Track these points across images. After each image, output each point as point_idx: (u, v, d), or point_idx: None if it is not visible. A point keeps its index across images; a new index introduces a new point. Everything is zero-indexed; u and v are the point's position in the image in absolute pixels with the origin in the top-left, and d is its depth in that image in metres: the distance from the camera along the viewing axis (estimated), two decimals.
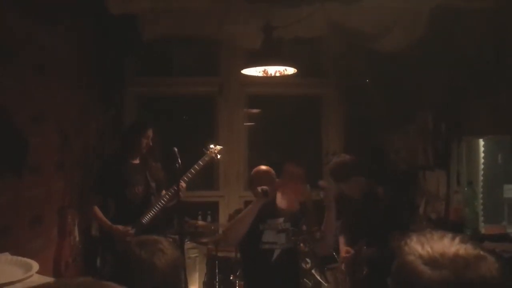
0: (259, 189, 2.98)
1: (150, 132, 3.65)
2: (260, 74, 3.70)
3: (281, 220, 3.09)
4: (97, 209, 3.53)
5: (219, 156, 3.89)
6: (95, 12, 3.74)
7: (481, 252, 0.96)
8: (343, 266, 3.41)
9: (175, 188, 3.35)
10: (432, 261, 0.95)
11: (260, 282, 3.06)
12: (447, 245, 0.97)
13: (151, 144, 3.66)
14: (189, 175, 3.66)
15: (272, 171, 3.23)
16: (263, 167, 3.23)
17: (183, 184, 3.54)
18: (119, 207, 3.61)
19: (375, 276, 2.98)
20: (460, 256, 0.94)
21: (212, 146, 3.90)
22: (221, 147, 3.93)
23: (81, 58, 3.89)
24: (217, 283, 4.06)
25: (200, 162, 3.73)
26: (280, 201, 3.07)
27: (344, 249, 3.40)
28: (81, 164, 3.90)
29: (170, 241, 1.60)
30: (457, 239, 0.98)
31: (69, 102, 3.62)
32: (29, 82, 2.93)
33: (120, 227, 3.47)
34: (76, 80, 3.77)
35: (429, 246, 0.97)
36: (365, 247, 3.24)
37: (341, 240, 3.50)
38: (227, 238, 3.14)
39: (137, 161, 3.68)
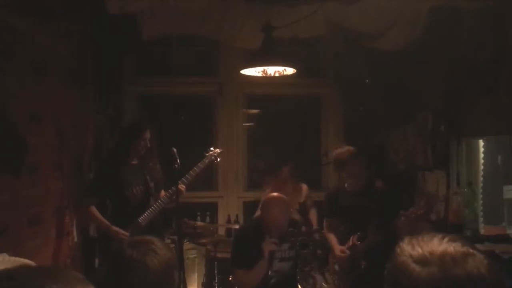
0: (266, 247, 2.96)
1: (147, 134, 3.62)
2: (260, 74, 3.69)
3: (286, 246, 3.05)
4: (94, 209, 3.51)
5: (218, 159, 3.86)
6: (94, 11, 3.73)
7: (470, 250, 0.97)
8: (336, 266, 3.40)
9: (174, 189, 3.34)
10: (421, 259, 0.97)
11: None
12: (436, 244, 0.99)
13: (148, 145, 3.63)
14: (188, 177, 3.64)
15: (285, 199, 3.14)
16: (275, 195, 3.16)
17: (182, 186, 3.52)
18: (117, 207, 3.59)
19: (373, 268, 3.00)
20: (448, 253, 0.96)
21: (212, 148, 3.88)
22: (221, 150, 3.91)
23: (80, 58, 3.88)
24: (216, 284, 4.04)
25: (200, 165, 3.72)
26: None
27: (338, 249, 3.38)
28: (80, 164, 3.89)
29: (163, 242, 1.59)
30: (446, 238, 1.00)
31: (67, 102, 3.61)
32: (27, 81, 2.92)
33: (119, 230, 3.45)
34: (75, 79, 3.76)
35: (419, 246, 0.99)
36: (358, 242, 3.24)
37: (332, 238, 3.49)
38: None
39: (135, 162, 3.67)
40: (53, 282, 0.65)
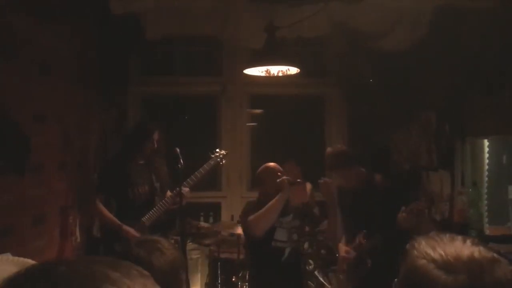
0: (284, 180, 3.04)
1: (156, 135, 3.64)
2: (263, 74, 3.68)
3: (290, 217, 3.10)
4: (103, 208, 3.52)
5: (223, 161, 3.87)
6: (99, 11, 3.74)
7: (495, 256, 0.94)
8: (344, 266, 3.39)
9: (178, 190, 3.34)
10: (447, 265, 0.91)
11: (268, 280, 3.06)
12: (459, 248, 0.94)
13: (156, 146, 3.64)
14: (193, 178, 3.64)
15: (280, 168, 3.28)
16: (272, 164, 3.27)
17: (186, 189, 3.52)
18: (122, 206, 3.60)
19: (379, 266, 3.00)
20: (475, 259, 0.92)
21: (217, 150, 3.88)
22: (227, 152, 3.91)
23: (84, 58, 3.88)
24: (219, 285, 4.04)
25: (206, 166, 3.72)
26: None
27: (343, 249, 3.38)
28: (84, 163, 3.89)
29: (171, 242, 1.59)
30: (468, 242, 0.96)
31: (71, 102, 3.61)
32: (31, 81, 2.93)
33: (129, 228, 3.45)
34: (79, 79, 3.77)
35: (441, 249, 0.94)
36: (364, 240, 3.23)
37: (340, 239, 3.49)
38: (253, 230, 3.11)
39: (142, 162, 3.68)
40: (115, 270, 0.61)
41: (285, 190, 3.04)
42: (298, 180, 3.14)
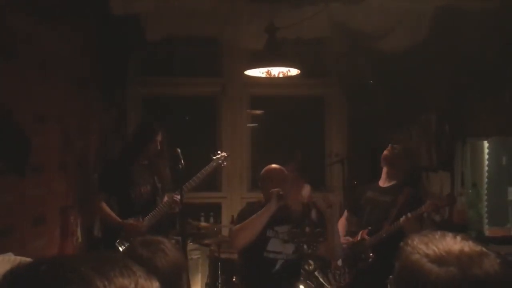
0: (274, 192, 2.81)
1: (159, 137, 3.63)
2: (263, 75, 3.69)
3: (287, 228, 2.97)
4: (105, 206, 3.52)
5: (225, 163, 3.86)
6: (99, 11, 3.74)
7: (483, 249, 0.99)
8: (339, 262, 3.39)
9: (178, 193, 3.34)
10: (439, 259, 0.96)
11: None
12: (450, 243, 0.99)
13: (159, 147, 3.63)
14: (195, 180, 3.64)
15: (285, 170, 3.09)
16: (275, 166, 3.08)
17: (177, 197, 3.47)
18: (123, 206, 3.60)
19: (380, 260, 2.98)
20: (465, 252, 0.97)
21: (219, 152, 3.87)
22: (228, 154, 3.90)
23: (84, 58, 3.89)
24: (219, 285, 4.04)
25: (207, 168, 3.72)
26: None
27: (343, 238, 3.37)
28: (84, 163, 3.89)
29: (173, 243, 1.60)
30: (458, 237, 1.01)
31: (71, 102, 3.62)
32: (32, 81, 2.93)
33: (131, 220, 3.45)
34: (79, 80, 3.77)
35: (434, 244, 0.99)
36: (367, 236, 3.23)
37: (341, 229, 3.47)
38: (233, 242, 2.92)
39: (145, 162, 3.69)
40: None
41: (272, 202, 2.78)
42: (281, 193, 2.84)
